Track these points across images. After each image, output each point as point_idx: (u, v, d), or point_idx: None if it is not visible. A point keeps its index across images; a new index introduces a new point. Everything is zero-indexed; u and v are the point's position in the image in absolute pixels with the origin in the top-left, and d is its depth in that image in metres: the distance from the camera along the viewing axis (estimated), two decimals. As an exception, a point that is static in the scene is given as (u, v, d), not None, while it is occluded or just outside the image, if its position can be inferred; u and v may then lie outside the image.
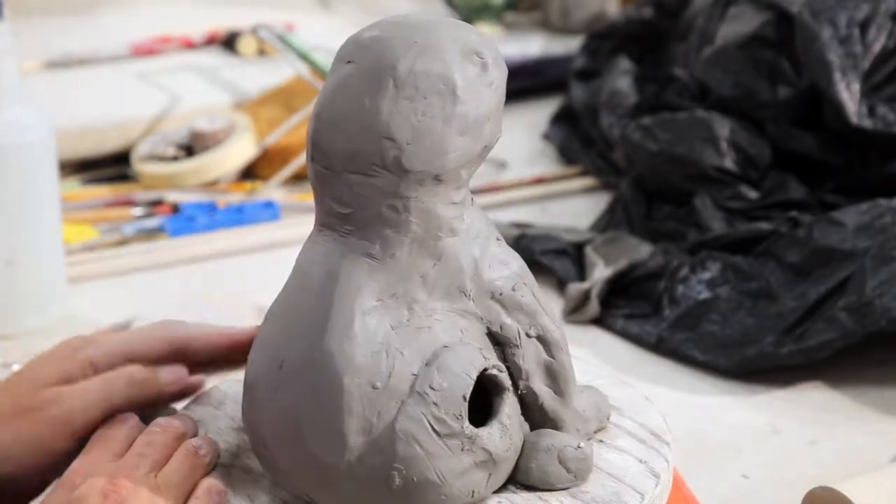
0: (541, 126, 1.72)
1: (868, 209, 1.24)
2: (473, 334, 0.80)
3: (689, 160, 1.40)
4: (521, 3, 2.09)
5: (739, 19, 1.47)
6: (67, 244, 1.36)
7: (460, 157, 0.78)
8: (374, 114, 0.76)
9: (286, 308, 0.80)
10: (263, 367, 0.80)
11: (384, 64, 0.77)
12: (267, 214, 1.49)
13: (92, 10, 2.07)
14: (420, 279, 0.79)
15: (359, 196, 0.78)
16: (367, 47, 0.78)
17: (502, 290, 0.80)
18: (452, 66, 0.77)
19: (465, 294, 0.79)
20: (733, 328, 1.21)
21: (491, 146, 0.80)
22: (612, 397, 0.89)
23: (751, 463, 1.06)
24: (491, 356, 0.80)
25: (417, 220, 0.78)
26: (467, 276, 0.79)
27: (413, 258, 0.79)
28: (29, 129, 1.23)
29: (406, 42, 0.77)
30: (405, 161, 0.76)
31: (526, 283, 0.81)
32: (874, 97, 1.35)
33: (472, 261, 0.79)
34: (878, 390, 1.16)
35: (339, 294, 0.78)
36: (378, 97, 0.76)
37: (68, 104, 1.67)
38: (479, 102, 0.78)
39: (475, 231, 0.80)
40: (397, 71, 0.76)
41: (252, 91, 1.74)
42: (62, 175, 1.44)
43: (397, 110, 0.76)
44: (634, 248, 1.34)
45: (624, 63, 1.64)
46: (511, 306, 0.80)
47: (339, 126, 0.78)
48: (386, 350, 0.77)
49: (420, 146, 0.76)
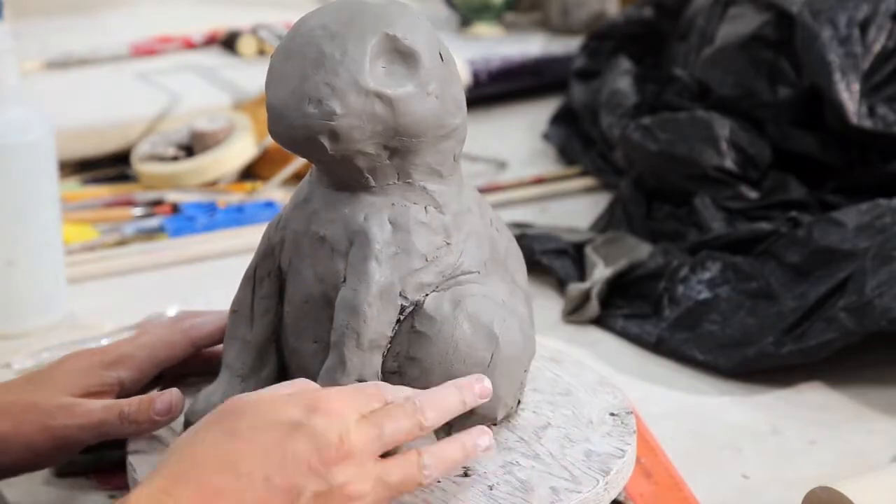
0: (541, 126, 1.72)
1: (868, 209, 1.24)
2: None
3: (689, 160, 1.40)
4: (521, 3, 2.09)
5: (739, 19, 1.47)
6: (67, 244, 1.36)
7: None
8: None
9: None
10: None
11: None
12: (267, 214, 1.49)
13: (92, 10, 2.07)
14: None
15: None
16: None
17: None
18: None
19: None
20: (733, 328, 1.21)
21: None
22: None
23: (751, 463, 1.06)
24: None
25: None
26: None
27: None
28: (29, 129, 1.23)
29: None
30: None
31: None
32: (874, 97, 1.35)
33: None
34: (878, 390, 1.16)
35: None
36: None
37: (68, 104, 1.67)
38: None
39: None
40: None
41: (252, 91, 1.74)
42: (62, 175, 1.44)
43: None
44: (634, 248, 1.34)
45: (624, 63, 1.64)
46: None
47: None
48: None
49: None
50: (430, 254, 0.88)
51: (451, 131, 0.89)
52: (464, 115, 0.90)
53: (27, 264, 1.24)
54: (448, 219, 0.90)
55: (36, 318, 1.26)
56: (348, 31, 0.85)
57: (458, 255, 0.90)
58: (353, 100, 0.84)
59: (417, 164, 0.88)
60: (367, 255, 0.87)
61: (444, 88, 0.87)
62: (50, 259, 1.26)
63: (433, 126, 0.87)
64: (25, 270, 1.24)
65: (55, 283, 1.28)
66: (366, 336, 0.87)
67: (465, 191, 0.92)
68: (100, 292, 1.34)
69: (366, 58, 0.84)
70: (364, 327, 0.86)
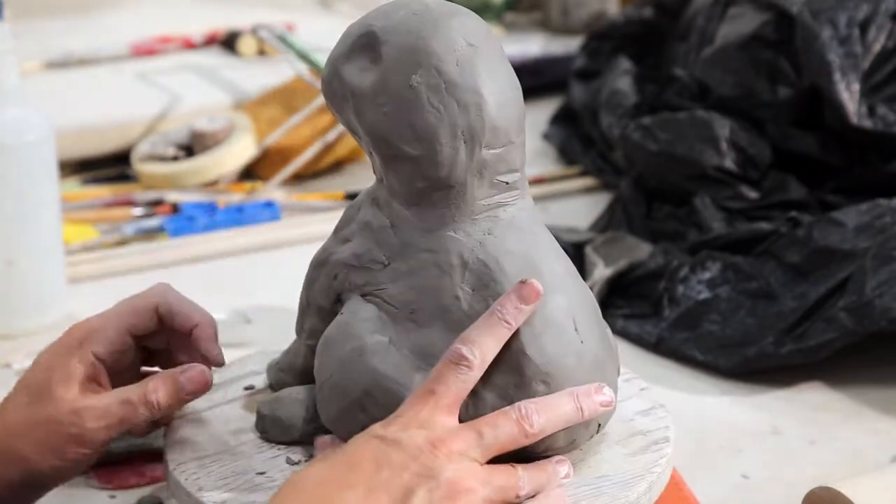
0: (541, 126, 1.72)
1: (868, 209, 1.24)
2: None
3: (689, 160, 1.40)
4: (521, 3, 2.09)
5: (739, 19, 1.47)
6: (67, 244, 1.36)
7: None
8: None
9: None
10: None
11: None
12: (267, 214, 1.49)
13: (92, 10, 2.07)
14: None
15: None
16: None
17: None
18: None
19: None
20: (733, 328, 1.21)
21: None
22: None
23: (751, 463, 1.06)
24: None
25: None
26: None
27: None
28: (29, 129, 1.23)
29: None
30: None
31: None
32: (874, 97, 1.35)
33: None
34: (877, 390, 1.16)
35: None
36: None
37: (68, 104, 1.67)
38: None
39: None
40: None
41: (252, 91, 1.74)
42: (62, 175, 1.44)
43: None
44: (634, 248, 1.34)
45: (624, 63, 1.64)
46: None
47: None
48: None
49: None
50: (364, 256, 0.87)
51: (403, 155, 0.85)
52: (432, 152, 0.84)
53: (27, 264, 1.24)
54: (395, 242, 0.87)
55: (36, 318, 1.26)
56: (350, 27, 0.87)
57: (390, 280, 0.87)
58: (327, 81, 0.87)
59: (387, 178, 0.87)
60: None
61: (399, 112, 0.84)
62: (50, 259, 1.27)
63: (377, 138, 0.85)
64: (25, 270, 1.24)
65: (55, 283, 1.28)
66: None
67: (451, 242, 0.85)
68: (100, 292, 1.34)
69: (346, 48, 0.86)
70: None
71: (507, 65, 0.87)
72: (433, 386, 0.80)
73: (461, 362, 0.80)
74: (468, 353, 0.81)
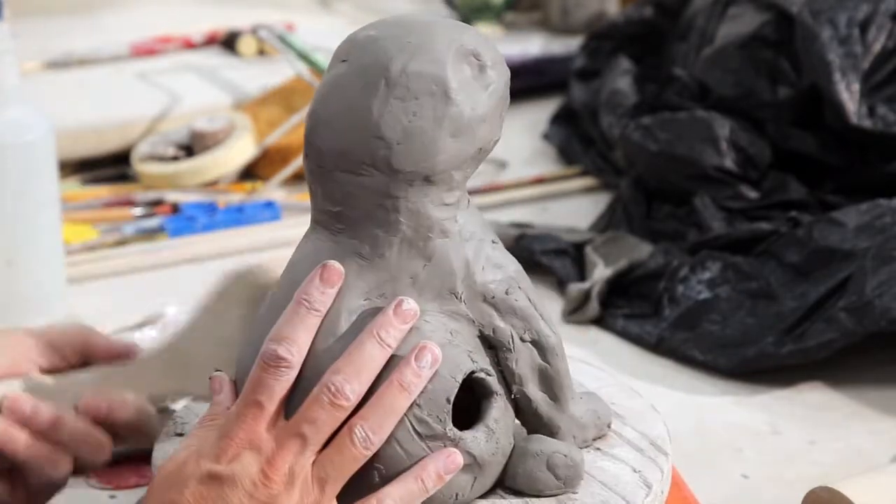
0: (541, 126, 1.72)
1: (868, 209, 1.24)
2: (464, 337, 0.79)
3: (689, 160, 1.40)
4: (521, 3, 2.08)
5: (739, 19, 1.47)
6: (67, 244, 1.36)
7: (451, 158, 0.78)
8: (365, 113, 0.77)
9: (277, 305, 0.80)
10: (252, 362, 0.79)
11: (377, 64, 0.77)
12: (267, 214, 1.49)
13: (92, 10, 2.07)
14: (410, 280, 0.79)
15: (349, 195, 0.78)
16: (362, 46, 0.78)
17: (495, 294, 0.80)
18: (446, 67, 0.77)
19: (455, 296, 0.79)
20: (733, 328, 1.21)
21: (487, 149, 0.80)
22: (618, 405, 0.88)
23: (751, 463, 1.06)
24: (480, 359, 0.79)
25: (407, 220, 0.78)
26: (458, 279, 0.79)
27: (403, 258, 0.78)
28: (29, 129, 1.23)
29: (400, 42, 0.78)
30: (394, 161, 0.77)
31: (521, 287, 0.81)
32: (874, 97, 1.35)
33: (465, 263, 0.79)
34: (878, 390, 1.16)
35: None
36: (370, 97, 0.77)
37: (68, 104, 1.67)
38: (473, 104, 0.78)
39: (468, 233, 0.80)
40: (389, 71, 0.77)
41: (252, 91, 1.74)
42: (62, 175, 1.44)
43: (388, 110, 0.76)
44: (634, 248, 1.34)
45: (624, 63, 1.64)
46: (504, 310, 0.80)
47: (332, 124, 0.78)
48: None
49: (410, 146, 0.77)
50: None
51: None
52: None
53: (27, 264, 1.24)
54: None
55: (36, 318, 1.26)
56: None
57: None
58: None
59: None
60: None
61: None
62: (50, 259, 1.26)
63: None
64: (25, 270, 1.24)
65: (55, 283, 1.28)
66: None
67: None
68: (100, 292, 1.34)
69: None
70: None
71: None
72: (256, 396, 0.76)
73: (280, 364, 0.76)
74: (285, 353, 0.76)
